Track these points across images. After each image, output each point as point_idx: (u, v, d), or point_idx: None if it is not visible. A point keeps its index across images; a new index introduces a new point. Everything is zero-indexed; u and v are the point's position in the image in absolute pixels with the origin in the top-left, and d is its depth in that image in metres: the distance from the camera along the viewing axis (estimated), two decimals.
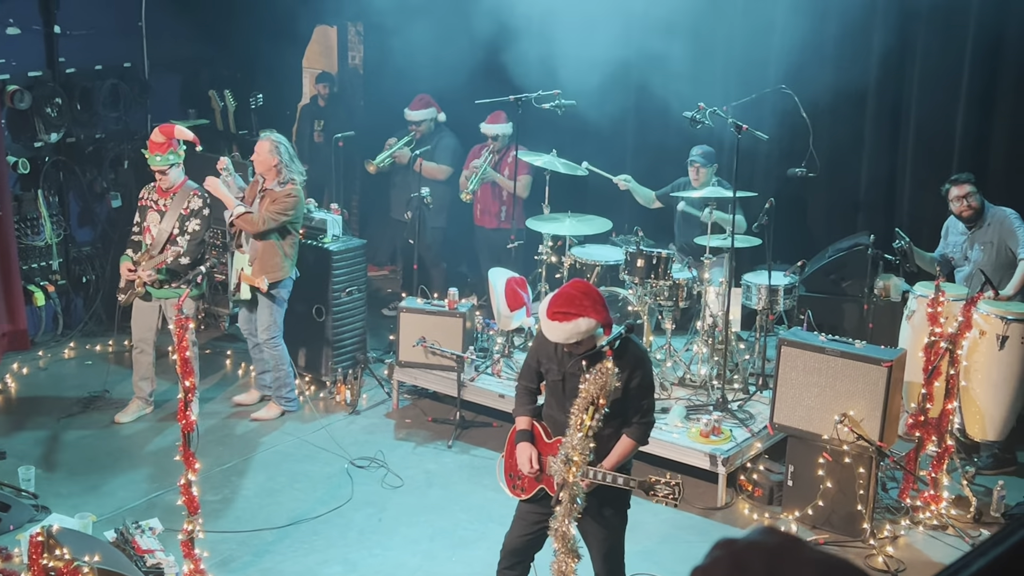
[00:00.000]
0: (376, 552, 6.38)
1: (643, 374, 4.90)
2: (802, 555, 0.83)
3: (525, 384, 5.21)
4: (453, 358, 7.86)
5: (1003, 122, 8.26)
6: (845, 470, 6.48)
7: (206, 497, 6.50)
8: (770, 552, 0.82)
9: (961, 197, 7.45)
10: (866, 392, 6.45)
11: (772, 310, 7.84)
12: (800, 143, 8.21)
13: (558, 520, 4.78)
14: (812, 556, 0.82)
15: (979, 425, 7.07)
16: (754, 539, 0.85)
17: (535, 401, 5.21)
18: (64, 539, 5.08)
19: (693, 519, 6.79)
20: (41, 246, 9.27)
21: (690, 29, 8.98)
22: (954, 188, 7.49)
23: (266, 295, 7.76)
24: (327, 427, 7.95)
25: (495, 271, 8.28)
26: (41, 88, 9.05)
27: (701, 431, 7.08)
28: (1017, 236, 7.30)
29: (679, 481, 4.85)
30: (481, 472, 7.35)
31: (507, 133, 9.21)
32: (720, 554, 0.85)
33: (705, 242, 7.78)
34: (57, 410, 8.12)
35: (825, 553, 0.83)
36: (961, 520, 6.70)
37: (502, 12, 8.88)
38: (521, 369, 5.35)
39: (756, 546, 0.84)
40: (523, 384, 5.22)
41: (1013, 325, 6.85)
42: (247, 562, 6.23)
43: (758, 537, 0.86)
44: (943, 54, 8.30)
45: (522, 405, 5.20)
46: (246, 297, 7.78)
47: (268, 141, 7.69)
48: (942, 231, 7.82)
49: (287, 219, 7.65)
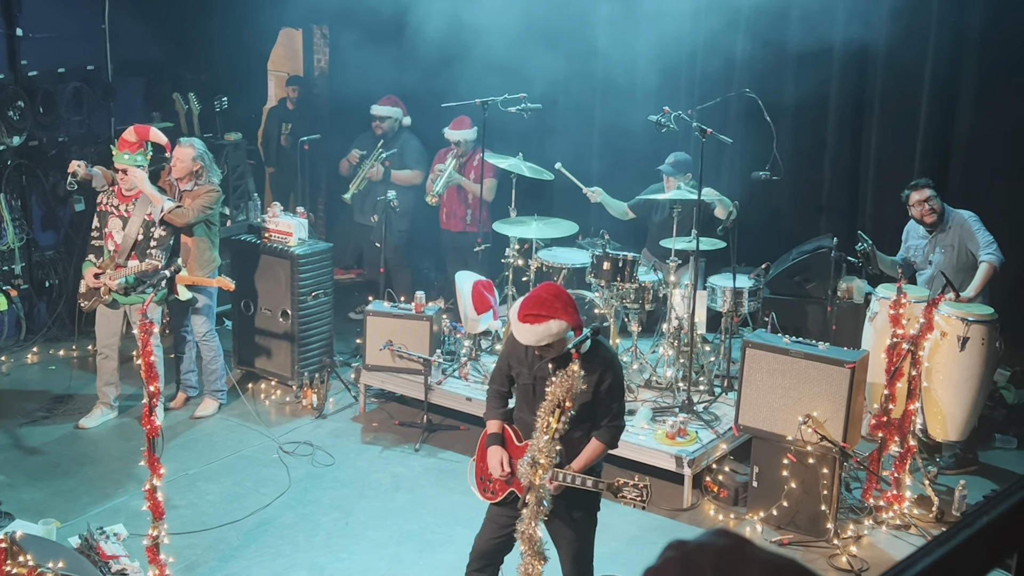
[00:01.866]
0: (343, 556, 6.38)
1: (613, 377, 4.92)
2: (750, 556, 0.85)
3: (496, 388, 5.23)
4: (420, 361, 7.87)
5: (963, 128, 8.36)
6: (809, 471, 6.54)
7: (171, 502, 6.48)
8: (719, 553, 0.85)
9: (922, 202, 7.52)
10: (829, 393, 6.51)
11: (737, 312, 7.90)
12: (764, 147, 8.27)
13: (525, 522, 4.80)
14: (759, 556, 0.85)
15: (941, 426, 7.15)
16: (704, 541, 0.88)
17: (506, 404, 5.23)
18: (28, 545, 5.04)
19: (660, 520, 6.83)
20: (3, 250, 9.20)
21: (655, 32, 9.04)
22: (914, 194, 7.56)
23: (203, 291, 7.84)
24: (294, 431, 7.94)
25: (462, 274, 8.29)
26: (3, 91, 8.99)
27: (667, 433, 7.12)
28: (977, 239, 7.38)
29: (647, 483, 4.88)
30: (448, 475, 7.36)
31: (470, 139, 9.23)
32: (672, 555, 0.87)
33: (671, 245, 7.83)
34: (20, 415, 8.06)
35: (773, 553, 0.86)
36: (924, 519, 6.78)
37: (467, 16, 8.92)
38: (492, 372, 5.37)
39: (706, 547, 0.87)
40: (494, 388, 5.24)
41: (974, 327, 6.93)
42: (213, 567, 6.21)
43: (709, 539, 0.88)
44: (905, 61, 8.39)
45: (493, 408, 5.21)
46: (185, 298, 7.79)
47: (191, 147, 7.80)
48: (903, 235, 7.89)
49: (211, 212, 7.79)
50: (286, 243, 8.45)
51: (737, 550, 0.87)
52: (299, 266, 8.36)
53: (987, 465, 7.53)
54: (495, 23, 8.96)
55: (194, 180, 7.79)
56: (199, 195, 7.72)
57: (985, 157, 8.25)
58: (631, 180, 8.90)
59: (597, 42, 9.57)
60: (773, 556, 0.86)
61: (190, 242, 7.80)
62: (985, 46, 8.12)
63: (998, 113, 8.17)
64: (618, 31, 9.35)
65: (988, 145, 8.25)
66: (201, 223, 7.78)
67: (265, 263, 8.54)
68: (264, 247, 8.53)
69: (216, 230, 8.00)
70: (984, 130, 8.26)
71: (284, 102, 10.70)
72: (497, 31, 9.01)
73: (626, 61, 9.38)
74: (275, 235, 8.51)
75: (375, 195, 9.16)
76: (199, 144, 7.90)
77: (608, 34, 9.48)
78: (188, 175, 7.79)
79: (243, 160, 10.12)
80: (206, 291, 7.92)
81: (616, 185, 8.97)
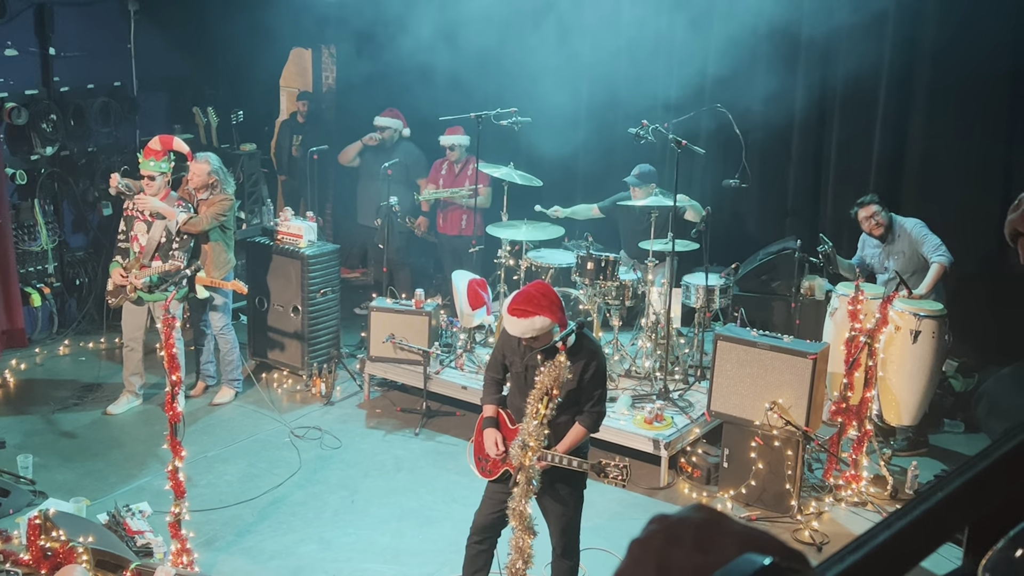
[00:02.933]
0: (349, 531, 6.37)
1: (596, 367, 4.92)
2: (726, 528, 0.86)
3: (492, 375, 5.23)
4: (419, 353, 7.86)
5: (915, 141, 8.37)
6: (775, 452, 6.56)
7: (192, 482, 6.47)
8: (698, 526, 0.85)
9: (868, 218, 7.52)
10: (793, 382, 6.53)
11: (709, 308, 7.91)
12: (734, 157, 8.28)
13: (515, 500, 4.81)
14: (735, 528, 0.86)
15: (895, 411, 7.17)
16: (685, 514, 0.88)
17: (500, 390, 5.23)
18: (60, 522, 5.04)
19: (639, 498, 6.83)
20: (37, 251, 9.18)
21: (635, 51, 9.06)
22: (861, 211, 7.54)
23: (219, 290, 7.84)
24: (304, 417, 7.93)
25: (458, 273, 8.29)
26: (37, 105, 8.96)
27: (645, 418, 7.13)
28: (925, 242, 7.39)
29: (627, 464, 4.88)
30: (446, 457, 7.36)
31: (464, 144, 9.23)
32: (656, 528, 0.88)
33: (649, 246, 7.84)
34: (53, 402, 8.04)
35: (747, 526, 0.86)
36: (879, 497, 6.80)
37: (462, 37, 8.92)
38: (488, 361, 5.37)
39: (686, 521, 0.87)
40: (490, 375, 5.25)
41: (925, 321, 6.95)
42: (230, 541, 6.20)
43: (688, 513, 0.89)
44: (862, 78, 8.39)
45: (489, 394, 5.22)
46: (203, 296, 7.79)
47: (206, 163, 7.77)
48: (859, 243, 7.89)
49: (225, 219, 7.77)
50: (297, 245, 8.44)
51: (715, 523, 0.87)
52: (309, 266, 8.35)
53: (937, 447, 7.55)
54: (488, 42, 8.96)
55: (209, 191, 7.78)
56: (213, 203, 7.71)
57: (935, 165, 8.27)
58: (613, 187, 8.90)
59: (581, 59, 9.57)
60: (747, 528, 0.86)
61: (207, 246, 7.79)
62: (936, 59, 8.13)
63: (946, 125, 8.19)
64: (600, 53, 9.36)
65: (938, 154, 8.27)
66: (216, 228, 7.76)
67: (277, 263, 8.52)
68: (276, 248, 8.52)
69: (231, 234, 7.98)
70: (934, 140, 8.28)
71: (295, 116, 10.67)
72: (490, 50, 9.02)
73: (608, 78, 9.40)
74: (287, 237, 8.50)
75: (377, 199, 9.16)
76: (214, 159, 7.88)
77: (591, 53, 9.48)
78: (204, 187, 7.78)
79: (257, 168, 10.10)
80: (222, 290, 7.91)
81: (599, 191, 8.99)
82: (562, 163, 9.47)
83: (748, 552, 0.82)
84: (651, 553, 0.84)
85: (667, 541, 0.85)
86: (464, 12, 8.92)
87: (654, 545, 0.85)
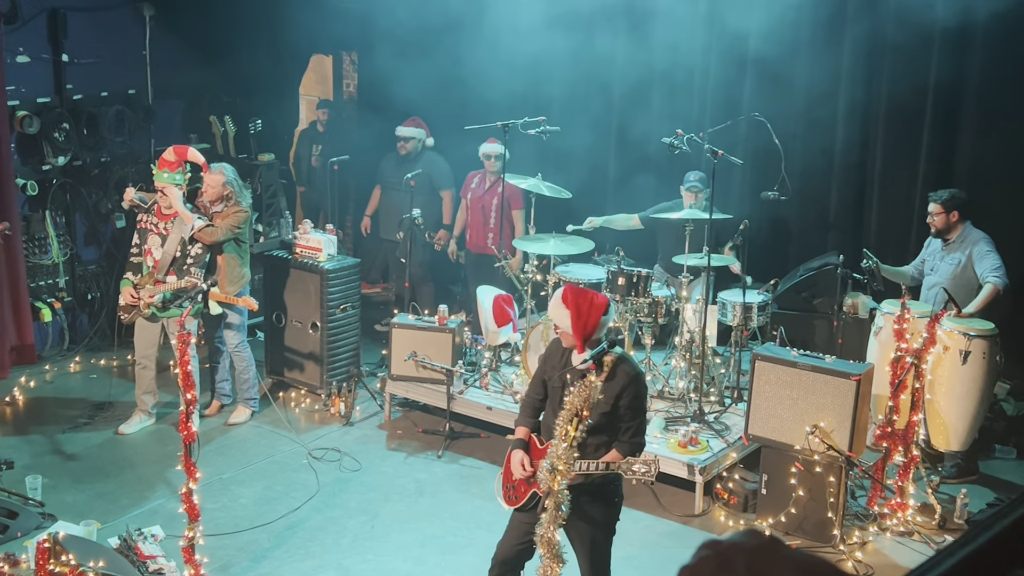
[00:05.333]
0: (369, 558, 6.36)
1: (635, 393, 4.89)
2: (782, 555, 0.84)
3: (529, 396, 5.23)
4: (443, 372, 7.86)
5: (963, 155, 8.31)
6: (816, 479, 6.50)
7: (206, 505, 6.47)
8: (752, 552, 0.84)
9: (930, 213, 7.54)
10: (836, 404, 6.48)
11: (747, 326, 7.87)
12: (773, 168, 8.25)
13: (544, 526, 4.78)
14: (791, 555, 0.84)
15: (943, 436, 7.10)
16: (737, 540, 0.87)
17: (536, 415, 5.20)
18: (69, 545, 5.06)
19: (672, 526, 6.79)
20: (48, 264, 9.25)
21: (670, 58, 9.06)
22: (930, 203, 7.57)
23: (234, 307, 7.88)
24: (322, 437, 7.94)
25: (483, 288, 8.29)
26: (49, 114, 9.05)
27: (679, 442, 7.09)
28: (986, 261, 7.33)
29: (655, 458, 4.85)
30: (470, 481, 7.34)
31: (501, 154, 9.06)
32: (706, 554, 0.86)
33: (683, 261, 7.81)
34: (63, 421, 8.09)
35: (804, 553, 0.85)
36: (926, 527, 6.72)
37: (489, 45, 8.95)
38: (531, 381, 5.36)
39: (739, 547, 0.86)
40: (528, 397, 5.25)
41: (975, 341, 6.88)
42: (246, 567, 6.21)
43: (741, 539, 0.87)
44: (909, 85, 8.35)
45: (523, 416, 5.23)
46: (216, 312, 7.82)
47: (221, 174, 7.83)
48: (928, 239, 7.84)
49: (240, 231, 7.82)
50: (316, 258, 8.47)
51: (770, 549, 0.86)
52: (328, 280, 8.37)
53: (987, 475, 7.46)
54: (515, 50, 8.99)
55: (224, 203, 7.83)
56: (227, 215, 7.76)
57: (983, 180, 8.19)
58: (644, 200, 8.89)
59: (613, 67, 9.58)
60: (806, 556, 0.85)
61: (220, 259, 7.83)
62: (985, 72, 8.08)
63: (995, 138, 8.13)
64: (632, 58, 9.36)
65: (986, 168, 8.21)
66: (231, 241, 7.81)
67: (296, 277, 8.56)
68: (295, 262, 8.55)
69: (246, 248, 8.02)
70: (982, 153, 8.22)
71: (315, 124, 10.73)
72: (516, 57, 9.04)
73: (641, 86, 9.40)
74: (305, 251, 8.53)
75: (399, 212, 9.17)
76: (229, 170, 7.93)
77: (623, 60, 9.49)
78: (218, 198, 7.83)
79: (276, 179, 10.15)
80: (236, 306, 7.94)
81: (631, 204, 8.98)
82: (592, 175, 9.47)
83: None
84: None
85: (719, 568, 0.83)
86: (491, 17, 8.95)
87: (705, 572, 0.84)
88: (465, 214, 9.52)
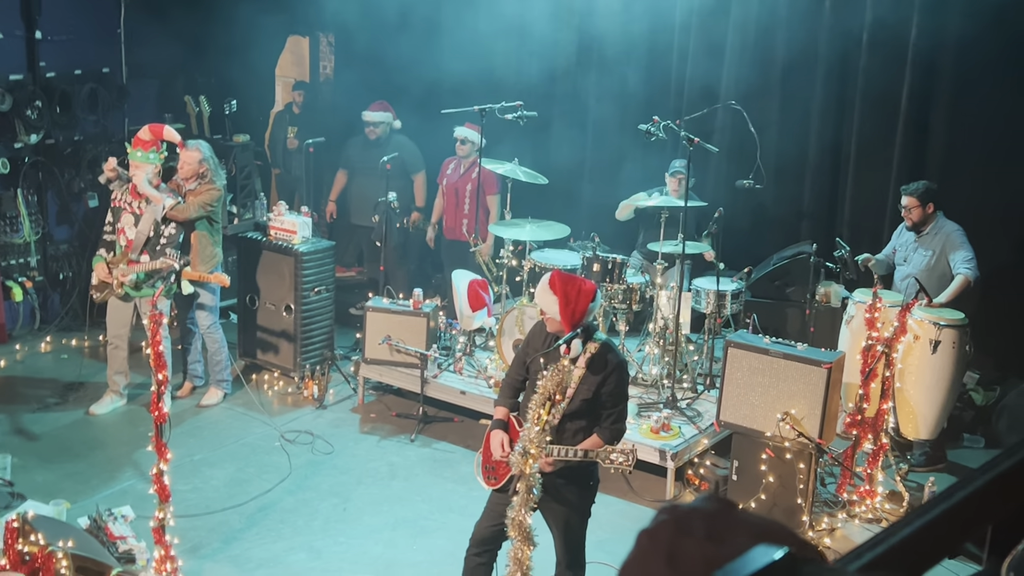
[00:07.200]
0: (340, 540, 6.38)
1: (617, 381, 4.91)
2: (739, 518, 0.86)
3: (512, 378, 5.23)
4: (417, 356, 7.86)
5: (937, 142, 8.38)
6: (786, 465, 6.55)
7: (177, 486, 6.43)
8: (709, 516, 0.86)
9: (904, 207, 7.57)
10: (807, 392, 6.53)
11: (720, 314, 7.91)
12: (748, 156, 8.29)
13: (515, 510, 4.80)
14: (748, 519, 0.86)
15: (912, 425, 7.17)
16: (696, 505, 0.89)
17: (516, 396, 5.21)
18: (39, 525, 5.04)
19: (644, 511, 6.83)
20: (20, 243, 9.18)
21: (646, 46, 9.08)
22: (903, 197, 7.60)
23: (206, 286, 7.85)
24: (295, 420, 7.94)
25: (458, 273, 8.30)
26: (22, 91, 8.97)
27: (652, 427, 7.13)
28: (958, 253, 7.39)
29: (633, 447, 4.88)
30: (442, 465, 7.36)
31: (475, 141, 9.06)
32: (665, 518, 0.88)
33: (657, 248, 7.84)
34: (33, 402, 8.05)
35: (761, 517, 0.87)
36: (894, 514, 6.78)
37: (465, 27, 8.94)
38: (512, 362, 5.36)
39: (697, 511, 0.87)
40: (509, 378, 5.26)
41: (945, 330, 6.95)
42: (216, 548, 6.21)
43: (700, 503, 0.89)
44: (883, 77, 8.41)
45: (504, 397, 5.23)
46: (188, 292, 7.79)
47: (197, 151, 7.79)
48: (898, 228, 7.88)
49: (213, 209, 7.78)
50: (290, 241, 8.44)
51: (727, 513, 0.88)
52: (302, 263, 8.35)
53: (955, 463, 7.54)
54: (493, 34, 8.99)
55: (199, 180, 7.79)
56: (200, 193, 7.72)
57: (957, 170, 8.26)
58: (621, 186, 8.91)
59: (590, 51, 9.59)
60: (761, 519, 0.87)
61: (193, 238, 7.79)
62: (959, 62, 8.14)
63: (970, 128, 8.19)
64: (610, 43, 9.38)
65: (960, 158, 8.27)
66: (203, 220, 7.77)
67: (270, 259, 8.53)
68: (269, 244, 8.53)
69: (218, 227, 7.98)
70: (957, 143, 8.28)
71: (290, 106, 10.68)
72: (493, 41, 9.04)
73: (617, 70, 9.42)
74: (280, 233, 8.50)
75: (373, 196, 9.14)
76: (206, 148, 7.90)
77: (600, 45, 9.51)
78: (193, 176, 7.78)
79: (250, 161, 10.10)
80: (208, 286, 7.91)
81: (607, 191, 9.00)
82: (568, 161, 9.48)
83: (762, 543, 0.83)
84: (661, 544, 0.84)
85: (678, 531, 0.85)
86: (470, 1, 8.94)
87: (664, 536, 0.86)
88: (442, 200, 9.50)
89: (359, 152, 9.76)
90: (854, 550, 0.93)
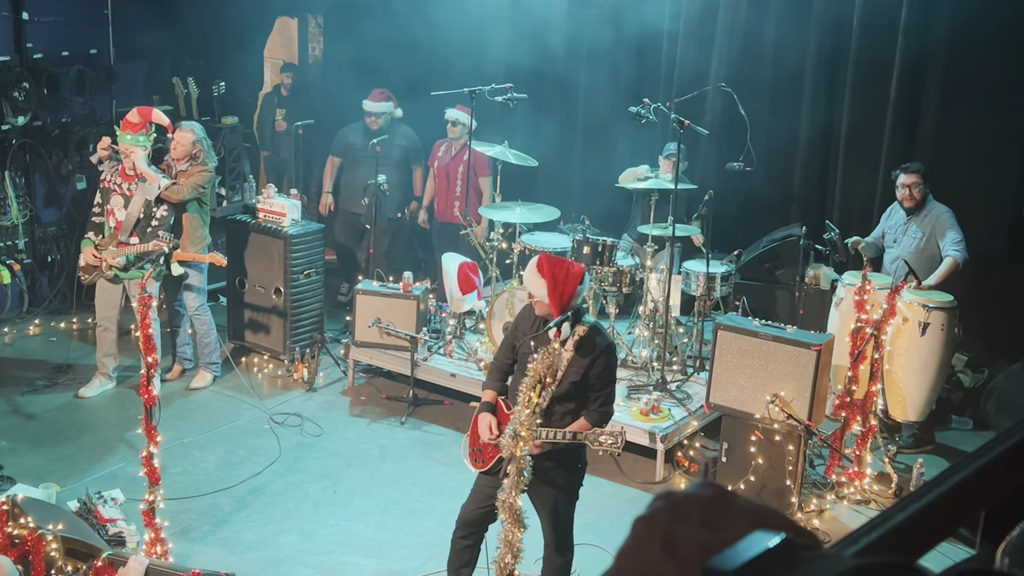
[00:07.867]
0: (331, 523, 6.38)
1: (606, 363, 4.90)
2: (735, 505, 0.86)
3: (500, 360, 5.21)
4: (407, 339, 7.86)
5: (927, 127, 8.38)
6: (775, 447, 6.57)
7: (167, 469, 6.46)
8: (705, 502, 0.85)
9: (907, 186, 7.52)
10: (796, 374, 6.54)
11: (710, 296, 7.92)
12: (738, 139, 8.28)
13: (505, 492, 4.81)
14: (744, 505, 0.86)
15: (901, 407, 7.19)
16: (691, 491, 0.88)
17: (504, 379, 5.19)
18: (29, 508, 5.03)
19: (632, 492, 6.85)
20: (7, 226, 9.14)
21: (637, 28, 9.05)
22: (903, 176, 7.55)
23: (194, 266, 7.83)
24: (285, 403, 7.93)
25: (448, 256, 8.28)
26: (8, 73, 8.91)
27: (641, 410, 7.14)
28: (948, 235, 7.39)
29: (622, 429, 4.88)
30: (432, 447, 7.36)
31: (466, 124, 9.02)
32: (660, 504, 0.87)
33: (647, 230, 7.84)
34: (22, 384, 8.02)
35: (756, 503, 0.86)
36: (883, 495, 6.83)
37: (456, 9, 8.89)
38: (500, 345, 5.35)
39: (693, 497, 0.87)
40: (497, 360, 5.23)
41: (934, 313, 6.96)
42: (206, 531, 6.20)
43: (695, 489, 0.89)
44: (873, 61, 8.41)
45: (491, 380, 5.20)
46: (178, 273, 7.75)
47: (191, 132, 7.77)
48: (885, 212, 7.88)
49: (204, 191, 7.77)
50: (279, 223, 8.41)
51: (723, 499, 0.87)
52: (292, 245, 8.33)
53: (944, 445, 7.58)
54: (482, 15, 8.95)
55: (191, 161, 7.76)
56: (192, 174, 7.69)
57: (947, 153, 8.27)
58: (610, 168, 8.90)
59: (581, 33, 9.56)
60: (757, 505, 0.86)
61: (184, 219, 7.77)
62: (951, 41, 8.13)
63: (960, 112, 8.20)
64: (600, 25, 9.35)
65: (951, 142, 8.28)
66: (194, 202, 7.74)
67: (259, 242, 8.50)
68: (258, 226, 8.50)
69: (207, 209, 7.96)
70: (947, 127, 8.29)
71: (279, 88, 10.63)
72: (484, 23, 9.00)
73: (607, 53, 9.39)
74: (269, 215, 8.47)
75: (363, 181, 9.10)
76: (199, 129, 7.87)
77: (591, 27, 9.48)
78: (186, 156, 7.76)
79: (239, 143, 10.07)
80: (197, 267, 7.89)
81: (597, 173, 8.98)
82: (558, 143, 9.47)
83: (758, 529, 0.82)
84: (656, 530, 0.83)
85: (673, 518, 0.85)
86: None
87: (659, 522, 0.85)
88: (433, 183, 9.47)
89: (359, 140, 9.55)
90: (850, 534, 0.93)
